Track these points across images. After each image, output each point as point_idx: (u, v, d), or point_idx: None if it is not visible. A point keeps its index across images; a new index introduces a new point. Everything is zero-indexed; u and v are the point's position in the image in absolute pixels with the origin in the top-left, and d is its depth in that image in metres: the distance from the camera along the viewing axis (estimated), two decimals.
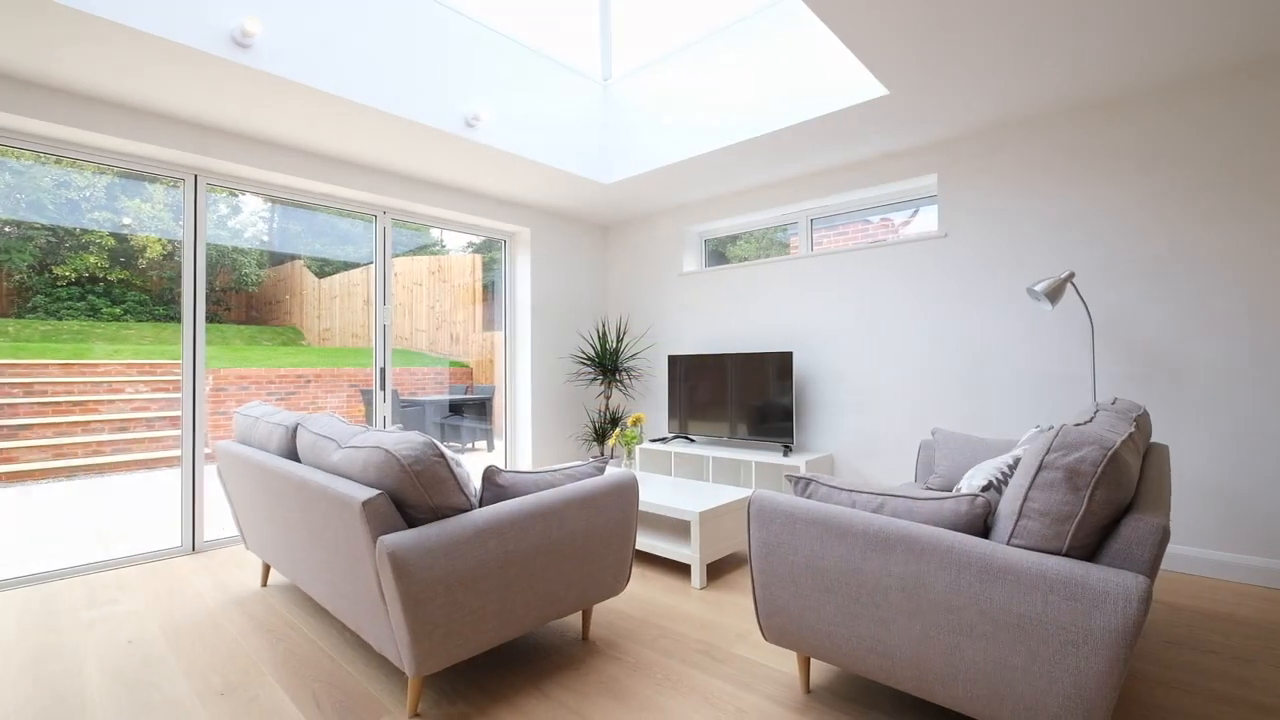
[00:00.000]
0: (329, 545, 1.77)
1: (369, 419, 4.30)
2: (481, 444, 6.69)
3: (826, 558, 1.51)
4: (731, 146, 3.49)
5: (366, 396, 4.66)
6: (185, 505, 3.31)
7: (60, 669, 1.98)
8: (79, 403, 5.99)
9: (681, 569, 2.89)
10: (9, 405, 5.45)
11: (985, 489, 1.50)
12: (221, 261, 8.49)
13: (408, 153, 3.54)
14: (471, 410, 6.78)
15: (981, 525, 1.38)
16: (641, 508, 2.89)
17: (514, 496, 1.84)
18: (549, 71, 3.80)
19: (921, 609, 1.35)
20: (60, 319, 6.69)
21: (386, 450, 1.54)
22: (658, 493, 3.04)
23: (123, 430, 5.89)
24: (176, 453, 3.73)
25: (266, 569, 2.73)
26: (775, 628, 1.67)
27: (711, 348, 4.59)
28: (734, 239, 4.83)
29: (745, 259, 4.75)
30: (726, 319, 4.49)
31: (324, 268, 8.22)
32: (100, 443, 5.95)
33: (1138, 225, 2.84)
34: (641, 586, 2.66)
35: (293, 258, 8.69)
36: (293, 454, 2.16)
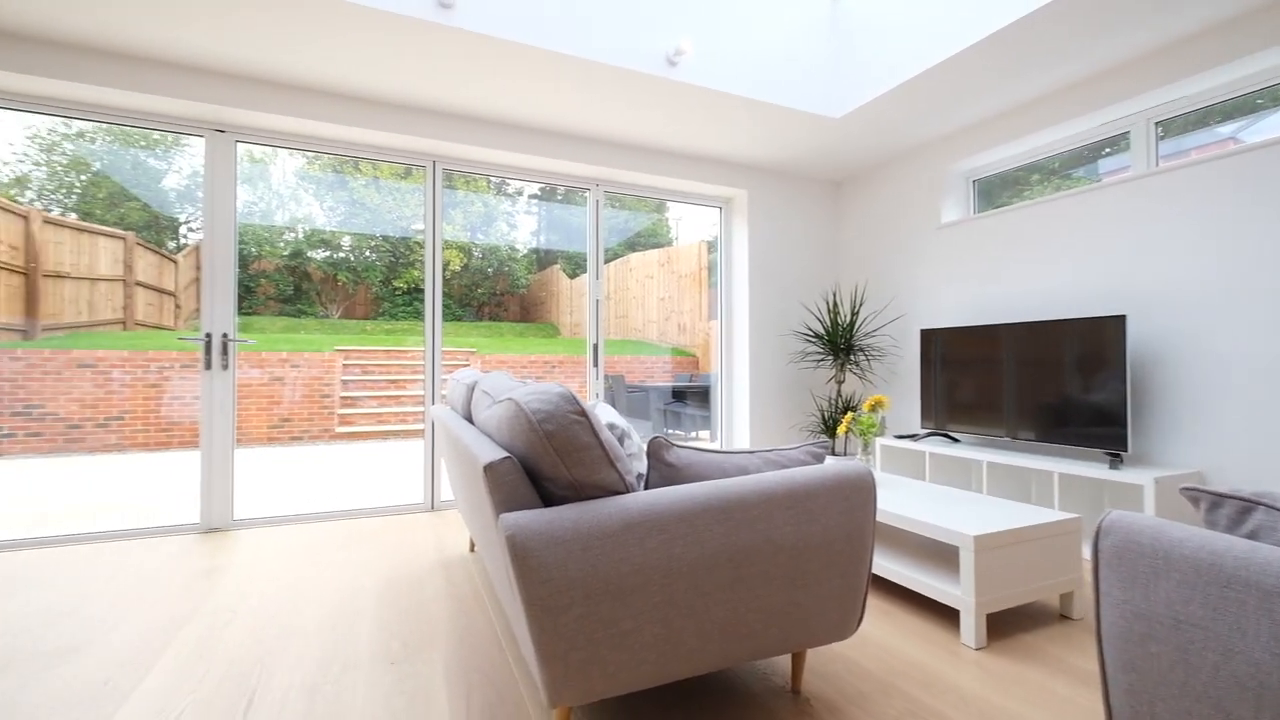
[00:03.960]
0: (483, 518, 1.50)
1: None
2: (705, 433, 6.48)
3: None
4: (1024, 20, 2.46)
5: (608, 383, 4.70)
6: (426, 468, 3.58)
7: (294, 602, 2.12)
8: (394, 380, 7.40)
9: (943, 612, 2.05)
10: (353, 381, 6.95)
11: None
12: (500, 269, 9.98)
13: (610, 108, 3.30)
14: (694, 398, 6.64)
15: None
16: (882, 519, 2.13)
17: (689, 482, 1.34)
18: None
19: None
20: (397, 319, 8.58)
21: (516, 403, 1.18)
22: (906, 501, 2.24)
23: (419, 405, 7.08)
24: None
25: None
26: None
27: (983, 318, 3.47)
28: (1013, 180, 3.59)
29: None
30: (1007, 279, 3.33)
31: (576, 270, 9.03)
32: (404, 414, 7.27)
33: None
34: (881, 628, 1.93)
35: (552, 262, 9.75)
36: (470, 415, 2.00)
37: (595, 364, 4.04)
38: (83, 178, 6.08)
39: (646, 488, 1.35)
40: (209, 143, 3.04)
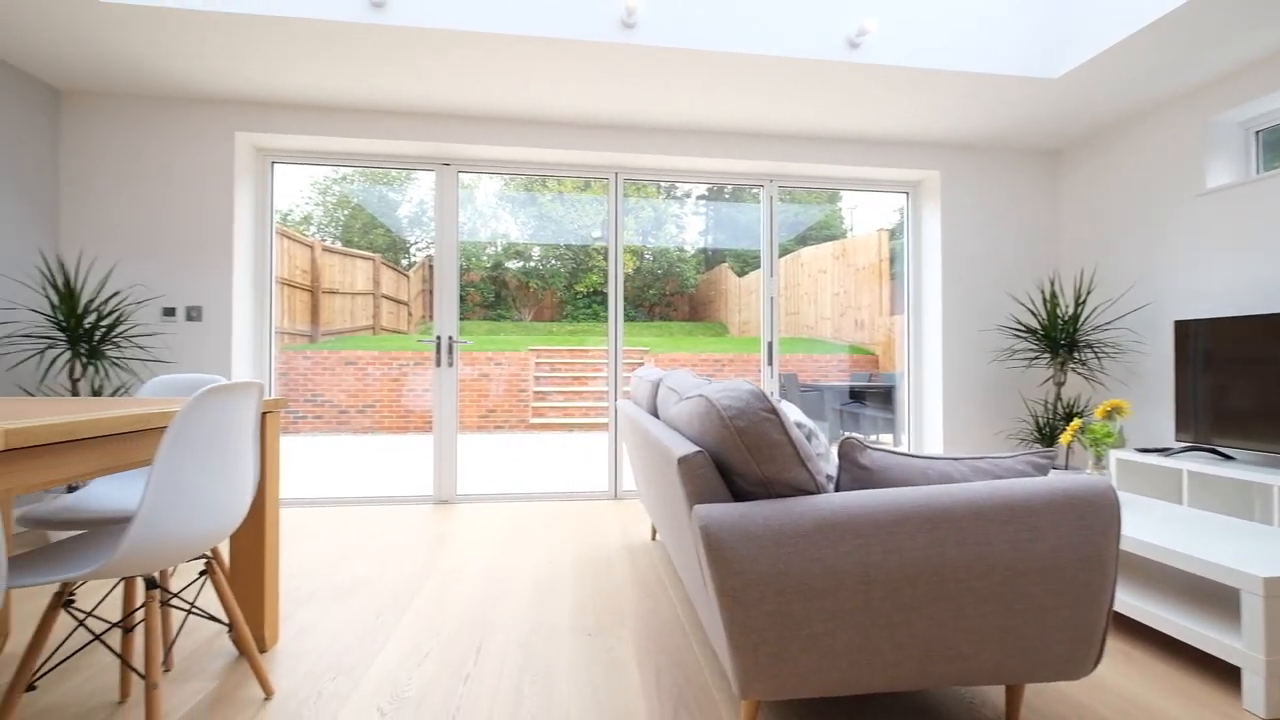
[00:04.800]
0: (671, 508, 1.59)
1: None
2: (886, 436, 6.06)
3: None
4: None
5: (781, 382, 4.66)
6: (611, 460, 3.85)
7: (506, 570, 2.44)
8: (577, 377, 8.07)
9: (1211, 666, 1.68)
10: (544, 378, 7.75)
11: None
12: (670, 271, 10.41)
13: (786, 101, 3.23)
14: (874, 399, 6.23)
15: None
16: (1124, 545, 1.81)
17: (884, 486, 1.28)
18: None
19: None
20: (578, 321, 9.42)
21: (707, 399, 1.23)
22: (1158, 527, 1.87)
23: (599, 400, 7.66)
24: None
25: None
26: None
27: (1269, 304, 2.74)
28: None
29: None
30: None
31: (744, 268, 9.07)
32: (586, 408, 7.88)
33: None
34: (1123, 673, 1.64)
35: (720, 261, 9.88)
36: (656, 410, 2.12)
37: (770, 362, 3.99)
38: (345, 212, 7.62)
39: (837, 489, 1.31)
40: (438, 175, 3.61)
